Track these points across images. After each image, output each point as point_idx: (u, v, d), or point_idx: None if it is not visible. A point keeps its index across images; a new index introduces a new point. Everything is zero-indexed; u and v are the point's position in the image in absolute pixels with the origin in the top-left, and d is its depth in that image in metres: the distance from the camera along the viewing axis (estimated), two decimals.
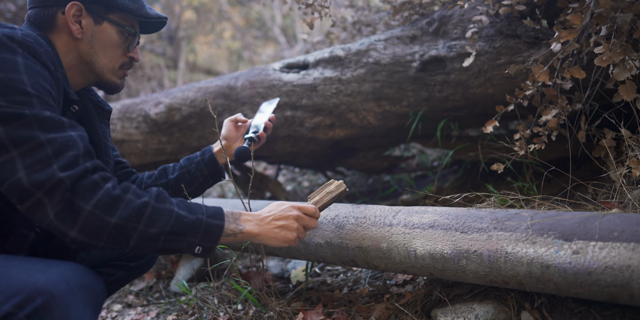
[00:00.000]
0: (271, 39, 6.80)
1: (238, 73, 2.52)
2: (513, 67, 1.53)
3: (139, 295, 2.29)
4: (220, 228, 1.13)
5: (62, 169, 0.96)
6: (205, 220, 1.11)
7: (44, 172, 0.95)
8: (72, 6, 1.19)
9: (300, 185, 3.61)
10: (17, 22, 5.10)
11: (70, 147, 0.99)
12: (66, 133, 1.01)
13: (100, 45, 1.25)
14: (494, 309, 1.28)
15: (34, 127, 0.97)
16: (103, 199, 0.99)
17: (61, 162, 0.97)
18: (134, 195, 1.04)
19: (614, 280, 0.98)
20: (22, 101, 0.97)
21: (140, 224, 1.02)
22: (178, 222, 1.07)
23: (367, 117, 2.15)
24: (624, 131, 1.46)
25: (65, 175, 0.96)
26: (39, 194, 0.95)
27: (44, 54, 1.07)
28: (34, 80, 1.01)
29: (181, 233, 1.07)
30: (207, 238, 1.11)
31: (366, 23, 2.88)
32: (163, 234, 1.05)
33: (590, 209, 1.44)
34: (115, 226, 1.00)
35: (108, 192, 1.00)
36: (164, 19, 1.34)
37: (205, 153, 1.56)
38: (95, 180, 1.00)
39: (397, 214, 1.38)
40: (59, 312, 0.86)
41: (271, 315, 1.57)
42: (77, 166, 0.99)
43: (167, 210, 1.06)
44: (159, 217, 1.05)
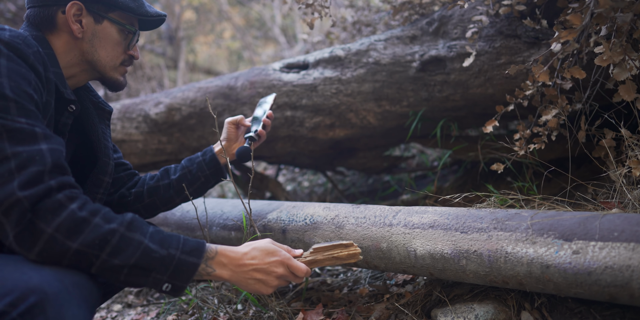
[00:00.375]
0: (271, 39, 6.80)
1: (238, 73, 2.52)
2: (513, 67, 1.53)
3: (139, 295, 2.29)
4: (194, 266, 1.05)
5: (22, 186, 0.90)
6: (179, 256, 1.03)
7: (3, 189, 0.90)
8: (72, 5, 1.20)
9: (300, 185, 3.61)
10: (17, 22, 5.10)
11: (35, 162, 0.93)
12: (35, 146, 0.95)
13: (101, 44, 1.26)
14: (494, 309, 1.28)
15: (2, 139, 0.92)
16: (66, 222, 0.93)
17: (22, 178, 0.91)
18: (102, 220, 0.97)
19: (614, 280, 0.98)
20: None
21: (103, 252, 0.96)
22: (145, 256, 0.99)
23: (367, 117, 2.15)
24: (624, 131, 1.46)
25: (23, 195, 0.90)
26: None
27: (32, 55, 1.05)
28: (15, 84, 0.97)
29: (147, 268, 1.00)
30: (177, 276, 1.03)
31: (366, 23, 2.88)
32: (126, 266, 0.98)
33: (590, 209, 1.44)
34: (77, 252, 0.94)
35: (72, 214, 0.94)
36: (163, 16, 1.35)
37: (206, 153, 1.56)
38: (59, 200, 0.94)
39: (397, 214, 1.38)
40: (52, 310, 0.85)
41: (271, 315, 1.57)
42: (40, 184, 0.93)
43: (135, 241, 0.99)
44: (126, 247, 0.98)
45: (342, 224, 1.45)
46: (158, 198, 1.53)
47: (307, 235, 1.52)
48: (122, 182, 1.54)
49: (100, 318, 2.09)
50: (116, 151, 1.56)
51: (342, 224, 1.45)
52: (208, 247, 1.10)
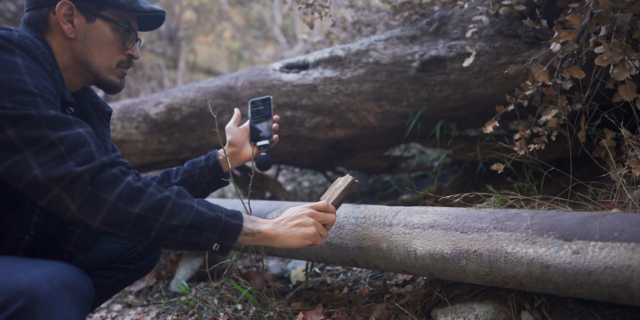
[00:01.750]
0: (271, 39, 6.80)
1: (238, 73, 2.52)
2: (512, 67, 1.53)
3: (139, 295, 2.29)
4: (238, 227, 1.15)
5: (78, 164, 0.99)
6: (224, 218, 1.14)
7: (60, 168, 0.97)
8: (62, 5, 1.18)
9: (300, 185, 3.61)
10: (17, 22, 5.10)
11: (81, 144, 1.01)
12: (75, 130, 1.02)
13: (94, 43, 1.23)
14: (494, 309, 1.28)
15: (42, 127, 0.98)
16: (125, 191, 1.02)
17: (76, 159, 0.99)
18: (155, 190, 1.07)
19: (614, 280, 0.98)
20: (27, 101, 0.98)
21: (161, 215, 1.05)
22: (198, 217, 1.09)
23: (367, 117, 2.15)
24: (624, 131, 1.46)
25: (83, 170, 0.98)
26: (57, 189, 0.97)
27: (41, 55, 1.07)
28: (36, 80, 1.01)
29: (201, 228, 1.09)
30: (225, 235, 1.13)
31: (366, 23, 2.88)
32: (183, 226, 1.07)
33: (590, 209, 1.44)
34: (138, 216, 1.02)
35: (130, 185, 1.03)
36: (159, 12, 1.30)
37: (209, 158, 1.54)
38: (115, 174, 1.03)
39: (397, 214, 1.38)
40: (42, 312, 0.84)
41: (271, 315, 1.57)
42: (94, 160, 1.01)
43: (187, 205, 1.09)
44: (180, 210, 1.07)
45: (342, 224, 1.45)
46: None
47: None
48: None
49: (100, 318, 2.09)
50: (115, 151, 1.55)
51: (342, 224, 1.45)
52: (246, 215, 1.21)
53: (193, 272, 2.22)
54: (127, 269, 1.50)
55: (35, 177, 0.96)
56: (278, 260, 2.26)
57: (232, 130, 1.58)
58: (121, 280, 1.50)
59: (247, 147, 1.59)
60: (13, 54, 1.01)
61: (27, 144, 0.96)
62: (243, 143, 1.59)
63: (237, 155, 1.57)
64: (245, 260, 2.31)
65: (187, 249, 1.14)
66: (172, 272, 2.43)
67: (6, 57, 1.00)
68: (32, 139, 0.97)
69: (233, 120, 1.60)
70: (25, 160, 0.96)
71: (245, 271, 2.07)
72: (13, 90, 0.97)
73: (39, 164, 0.96)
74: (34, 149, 0.97)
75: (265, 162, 1.53)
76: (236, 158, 1.57)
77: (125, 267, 1.49)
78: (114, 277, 1.48)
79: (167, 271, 2.46)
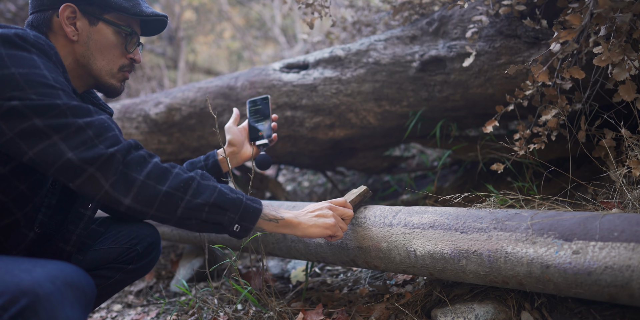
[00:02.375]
0: (271, 39, 6.80)
1: (238, 73, 2.52)
2: (512, 67, 1.53)
3: (139, 295, 2.29)
4: (258, 211, 1.20)
5: (109, 146, 1.04)
6: (245, 201, 1.18)
7: (93, 150, 1.02)
8: (65, 8, 1.20)
9: (300, 185, 3.61)
10: (17, 22, 5.10)
11: (107, 129, 1.06)
12: (99, 116, 1.07)
13: (96, 46, 1.24)
14: (494, 309, 1.28)
15: (68, 115, 1.02)
16: (154, 170, 1.08)
17: (106, 142, 1.04)
18: (181, 170, 1.13)
19: (614, 280, 0.98)
20: (51, 93, 1.02)
21: (187, 194, 1.10)
22: (221, 197, 1.14)
23: (367, 117, 2.15)
24: (624, 131, 1.46)
25: (115, 150, 1.04)
26: (92, 169, 1.01)
27: (54, 55, 1.10)
28: (54, 75, 1.05)
29: (224, 207, 1.14)
30: (246, 217, 1.17)
31: (366, 23, 2.88)
32: (207, 205, 1.12)
33: (590, 209, 1.44)
34: (166, 194, 1.08)
35: (157, 165, 1.10)
36: (161, 16, 1.32)
37: (209, 158, 1.54)
38: (143, 155, 1.09)
39: (397, 214, 1.38)
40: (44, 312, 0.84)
41: (271, 315, 1.57)
42: (121, 143, 1.07)
43: (211, 186, 1.15)
44: (204, 190, 1.13)
45: None
46: None
47: None
48: None
49: (100, 318, 2.09)
50: None
51: None
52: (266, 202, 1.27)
53: (193, 272, 2.22)
54: (126, 269, 1.49)
55: (69, 159, 1.00)
56: (278, 260, 2.26)
57: (231, 129, 1.59)
58: (120, 281, 1.50)
59: (246, 147, 1.59)
60: (30, 51, 1.04)
61: (55, 130, 1.00)
62: (242, 142, 1.59)
63: (237, 155, 1.58)
64: (245, 260, 2.31)
65: (211, 230, 1.17)
66: (172, 272, 2.43)
67: (25, 54, 1.03)
68: (60, 125, 1.00)
69: (232, 120, 1.61)
70: (55, 145, 1.00)
71: (245, 271, 2.07)
72: (36, 83, 1.01)
73: (70, 147, 1.00)
74: (62, 133, 1.00)
75: (265, 162, 1.53)
76: (236, 158, 1.58)
77: (124, 267, 1.49)
78: (113, 277, 1.47)
79: (167, 271, 2.47)
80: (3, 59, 1.00)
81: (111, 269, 1.48)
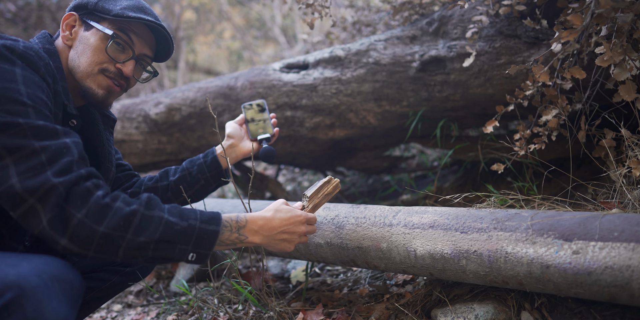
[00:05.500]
0: (271, 39, 6.80)
1: (238, 73, 2.52)
2: (513, 67, 1.53)
3: (139, 295, 2.29)
4: (215, 233, 1.11)
5: (56, 174, 0.96)
6: (199, 226, 1.09)
7: (38, 178, 0.95)
8: (68, 16, 1.26)
9: (300, 185, 3.61)
10: (17, 22, 5.10)
11: (64, 154, 0.99)
12: (60, 140, 1.01)
13: (83, 49, 1.23)
14: (494, 309, 1.28)
15: (28, 136, 0.97)
16: (92, 207, 0.98)
17: (55, 168, 0.97)
18: (123, 203, 1.02)
19: (614, 280, 0.98)
20: (17, 111, 0.97)
21: (128, 232, 1.01)
22: (168, 229, 1.04)
23: (367, 117, 2.15)
24: (624, 131, 1.46)
25: (59, 181, 0.96)
26: (32, 200, 0.94)
27: (44, 67, 1.07)
28: (31, 91, 1.01)
29: (171, 241, 1.05)
30: (201, 244, 1.09)
31: (366, 23, 2.88)
32: (152, 242, 1.03)
33: (590, 209, 1.44)
34: (103, 235, 0.98)
35: (97, 201, 0.99)
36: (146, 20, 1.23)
37: (207, 155, 1.53)
38: (88, 188, 1.00)
39: (397, 214, 1.38)
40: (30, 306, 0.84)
41: (271, 315, 1.57)
42: (72, 172, 0.99)
43: (156, 217, 1.05)
44: (148, 225, 1.03)
45: (342, 224, 1.45)
46: None
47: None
48: (119, 183, 1.53)
49: (100, 318, 2.09)
50: (116, 152, 1.55)
51: (342, 224, 1.45)
52: (237, 217, 1.18)
53: (193, 272, 2.22)
54: (123, 271, 1.48)
55: (12, 186, 0.94)
56: (278, 260, 2.26)
57: (231, 125, 1.58)
58: (118, 283, 1.48)
59: (245, 142, 1.57)
60: (13, 64, 1.01)
61: (9, 151, 0.95)
62: (241, 137, 1.57)
63: (236, 148, 1.55)
64: (245, 260, 2.31)
65: (162, 263, 1.11)
66: (172, 272, 2.43)
67: (5, 67, 1.00)
68: (14, 146, 0.95)
69: (236, 120, 1.61)
70: (5, 168, 0.94)
71: (245, 271, 2.07)
72: (5, 99, 0.97)
73: (18, 172, 0.94)
74: (15, 156, 0.95)
75: (270, 154, 1.51)
76: (235, 151, 1.55)
77: (122, 270, 1.47)
78: (110, 280, 1.46)
79: (167, 271, 2.46)
80: None
81: (108, 272, 1.46)
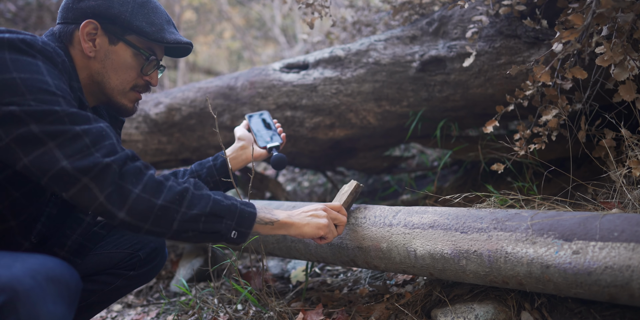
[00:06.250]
0: (271, 39, 6.80)
1: (238, 73, 2.52)
2: (514, 68, 1.53)
3: (139, 295, 2.29)
4: (253, 215, 1.19)
5: (105, 155, 1.01)
6: (239, 206, 1.17)
7: (88, 159, 0.99)
8: (87, 24, 1.19)
9: (300, 185, 3.61)
10: (17, 22, 5.10)
11: (104, 137, 1.04)
12: (97, 124, 1.05)
13: (112, 65, 1.24)
14: (494, 309, 1.28)
15: (65, 122, 1.00)
16: (149, 183, 1.05)
17: (102, 151, 1.01)
18: (174, 183, 1.10)
19: (614, 280, 0.98)
20: (50, 100, 1.00)
21: (182, 206, 1.08)
22: (216, 205, 1.13)
23: (367, 117, 2.15)
24: (624, 131, 1.46)
25: (111, 160, 1.01)
26: (85, 179, 0.98)
27: (61, 64, 1.09)
28: (57, 82, 1.04)
29: (219, 215, 1.13)
30: (242, 223, 1.16)
31: (366, 23, 2.88)
32: (203, 215, 1.10)
33: (590, 209, 1.44)
34: (161, 208, 1.05)
35: (152, 178, 1.07)
36: (184, 44, 1.29)
37: (217, 158, 1.54)
38: (139, 167, 1.06)
39: (397, 214, 1.38)
40: (24, 309, 0.82)
41: (271, 315, 1.57)
42: (118, 153, 1.04)
43: (205, 195, 1.13)
44: (199, 201, 1.11)
45: None
46: None
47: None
48: None
49: (101, 318, 2.09)
50: None
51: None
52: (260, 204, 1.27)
53: (193, 272, 2.22)
54: (127, 275, 1.45)
55: (63, 168, 0.97)
56: (278, 260, 2.26)
57: (240, 129, 1.63)
58: (121, 287, 1.45)
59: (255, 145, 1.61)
60: (35, 57, 1.03)
61: (51, 136, 0.98)
62: (252, 140, 1.61)
63: (247, 150, 1.58)
64: (245, 260, 2.31)
65: (208, 240, 1.15)
66: (172, 272, 2.43)
67: (29, 60, 1.02)
68: (56, 131, 0.98)
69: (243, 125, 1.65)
70: (50, 152, 0.98)
71: (245, 271, 2.07)
72: (37, 89, 0.99)
73: (65, 155, 0.98)
74: (58, 140, 0.98)
75: (281, 161, 1.54)
76: (245, 153, 1.58)
77: (125, 273, 1.45)
78: (113, 284, 1.43)
79: (167, 271, 2.47)
80: (6, 64, 0.99)
81: (111, 275, 1.43)
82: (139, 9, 1.23)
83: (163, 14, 1.29)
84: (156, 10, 1.27)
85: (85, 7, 1.20)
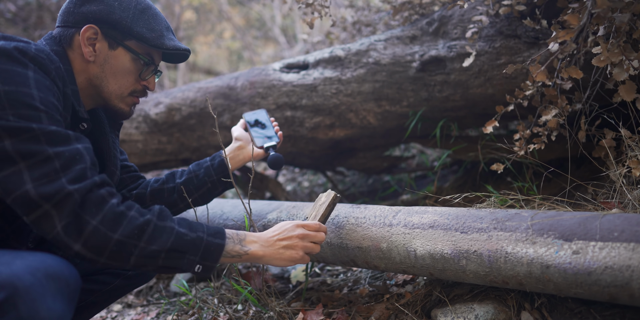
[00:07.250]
0: (271, 39, 6.80)
1: (238, 73, 2.52)
2: (511, 66, 1.53)
3: (139, 295, 2.29)
4: (220, 247, 1.14)
5: (70, 182, 0.98)
6: (206, 238, 1.12)
7: (53, 185, 0.96)
8: (88, 29, 1.19)
9: (300, 185, 3.61)
10: (17, 22, 5.10)
11: (77, 161, 1.01)
12: (73, 146, 1.02)
13: (111, 70, 1.23)
14: (494, 309, 1.28)
15: (41, 141, 0.97)
16: (108, 215, 1.01)
17: (70, 176, 0.98)
18: (137, 213, 1.05)
19: (614, 280, 0.98)
20: (31, 116, 0.98)
21: (141, 241, 1.03)
22: (178, 240, 1.08)
23: (367, 117, 2.15)
24: (624, 131, 1.47)
25: (74, 188, 0.97)
26: (47, 206, 0.96)
27: (55, 70, 1.07)
28: (43, 95, 1.01)
29: (181, 251, 1.08)
30: (207, 256, 1.11)
31: (366, 23, 2.88)
32: (163, 251, 1.06)
33: (590, 209, 1.44)
34: (117, 243, 1.01)
35: (112, 208, 1.02)
36: (182, 50, 1.29)
37: (215, 158, 1.54)
38: (102, 195, 1.02)
39: (397, 214, 1.38)
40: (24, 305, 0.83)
41: (271, 315, 1.57)
42: (86, 180, 1.00)
43: (168, 228, 1.08)
44: (160, 234, 1.06)
45: (342, 224, 1.45)
46: (161, 202, 1.50)
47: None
48: (124, 185, 1.52)
49: (101, 318, 2.09)
50: (122, 153, 1.54)
51: (342, 224, 1.45)
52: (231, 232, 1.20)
53: None
54: (126, 275, 1.45)
55: (27, 191, 0.95)
56: None
57: (237, 129, 1.62)
58: (120, 287, 1.46)
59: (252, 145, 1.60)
60: (26, 67, 1.01)
61: (22, 156, 0.95)
62: (249, 140, 1.61)
63: (244, 150, 1.58)
64: None
65: (168, 273, 1.12)
66: None
67: (18, 70, 1.00)
68: (28, 152, 0.96)
69: (240, 124, 1.64)
70: (18, 173, 0.95)
71: (245, 271, 2.07)
72: (19, 103, 0.97)
73: (32, 178, 0.95)
74: (29, 162, 0.96)
75: (278, 161, 1.53)
76: (243, 153, 1.58)
77: (124, 273, 1.45)
78: (112, 283, 1.43)
79: None
80: None
81: (110, 274, 1.44)
82: (140, 15, 1.23)
83: (162, 21, 1.29)
84: (156, 17, 1.27)
85: (87, 12, 1.20)
